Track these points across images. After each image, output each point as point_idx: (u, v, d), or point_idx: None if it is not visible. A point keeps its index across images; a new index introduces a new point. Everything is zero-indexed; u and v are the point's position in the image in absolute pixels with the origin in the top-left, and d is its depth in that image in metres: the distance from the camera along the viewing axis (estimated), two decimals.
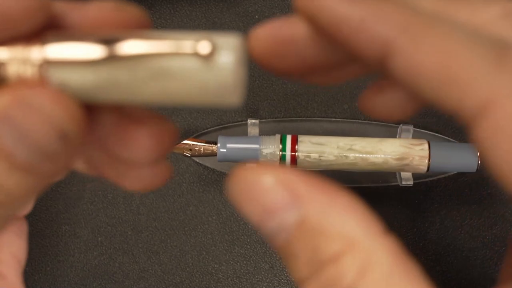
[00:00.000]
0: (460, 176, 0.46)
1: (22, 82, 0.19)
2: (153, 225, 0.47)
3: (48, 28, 0.19)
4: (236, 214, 0.46)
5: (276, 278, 0.45)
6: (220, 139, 0.41)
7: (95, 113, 0.21)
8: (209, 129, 0.47)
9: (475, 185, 0.46)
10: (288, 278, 0.45)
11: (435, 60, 0.16)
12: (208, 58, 0.17)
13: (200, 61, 0.17)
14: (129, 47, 0.18)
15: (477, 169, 0.42)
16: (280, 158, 0.41)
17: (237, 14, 0.51)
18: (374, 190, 0.46)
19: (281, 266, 0.45)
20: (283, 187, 0.17)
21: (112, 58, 0.18)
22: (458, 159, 0.42)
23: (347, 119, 0.47)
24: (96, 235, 0.47)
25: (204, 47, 0.17)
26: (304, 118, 0.47)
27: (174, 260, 0.46)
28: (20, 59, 0.19)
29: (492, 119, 0.16)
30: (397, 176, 0.44)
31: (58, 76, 0.18)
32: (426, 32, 0.17)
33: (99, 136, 0.21)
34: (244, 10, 0.52)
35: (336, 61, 0.20)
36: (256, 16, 0.52)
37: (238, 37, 0.17)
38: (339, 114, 0.48)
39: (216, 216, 0.47)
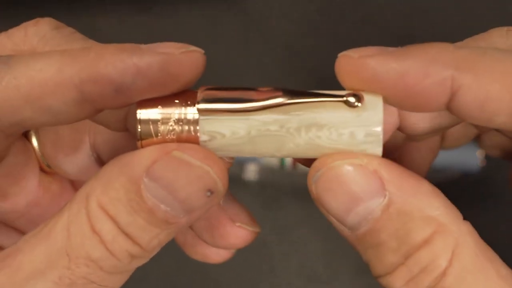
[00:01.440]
0: (462, 177, 0.46)
1: (171, 138, 0.19)
2: None
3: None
4: None
5: (277, 279, 0.45)
6: None
7: None
8: None
9: (478, 186, 0.46)
10: (288, 279, 0.45)
11: (500, 84, 0.16)
12: (358, 108, 0.18)
13: (350, 111, 0.18)
14: (282, 96, 0.19)
15: (479, 170, 0.42)
16: (281, 160, 0.41)
17: (237, 14, 0.51)
18: None
19: (281, 267, 0.45)
20: (369, 174, 0.18)
21: (264, 108, 0.18)
22: (460, 159, 0.41)
23: None
24: None
25: (355, 98, 0.18)
26: None
27: (174, 261, 0.46)
28: (175, 116, 0.19)
29: None
30: None
31: (210, 130, 0.19)
32: (484, 62, 0.17)
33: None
34: (244, 10, 0.51)
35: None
36: (256, 16, 0.51)
37: (381, 97, 0.18)
38: None
39: None
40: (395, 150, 0.24)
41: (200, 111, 0.19)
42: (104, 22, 0.52)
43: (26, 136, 0.25)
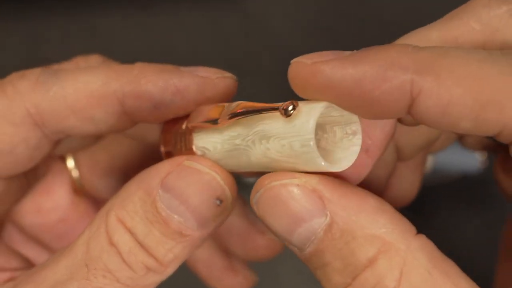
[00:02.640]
0: (462, 177, 0.46)
1: (183, 152, 0.20)
2: None
3: None
4: None
5: (278, 279, 0.45)
6: None
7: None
8: None
9: (478, 186, 0.46)
10: (289, 279, 0.45)
11: (464, 90, 0.15)
12: (292, 118, 0.17)
13: (287, 121, 0.17)
14: (237, 107, 0.19)
15: (479, 171, 0.42)
16: None
17: (237, 14, 0.51)
18: None
19: (283, 267, 0.45)
20: (310, 194, 0.17)
21: (231, 118, 0.19)
22: (460, 160, 0.41)
23: None
24: None
25: (288, 107, 0.17)
26: None
27: None
28: (184, 133, 0.21)
29: None
30: None
31: (201, 145, 0.20)
32: (446, 64, 0.16)
33: (223, 231, 0.23)
34: (244, 10, 0.51)
35: None
36: (256, 16, 0.51)
37: (322, 104, 0.17)
38: None
39: None
40: (389, 174, 0.24)
41: (189, 126, 0.20)
42: (104, 22, 0.52)
43: (63, 159, 0.27)
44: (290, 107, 0.17)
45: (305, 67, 0.17)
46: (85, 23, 0.52)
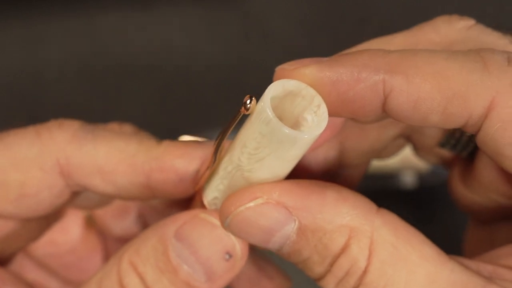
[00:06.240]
0: None
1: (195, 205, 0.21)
2: None
3: None
4: None
5: None
6: None
7: None
8: None
9: None
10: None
11: (431, 84, 0.17)
12: (252, 111, 0.17)
13: (250, 118, 0.18)
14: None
15: None
16: None
17: (237, 14, 0.51)
18: (377, 194, 0.46)
19: (282, 266, 0.45)
20: (274, 208, 0.18)
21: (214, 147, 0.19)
22: None
23: None
24: None
25: (246, 101, 0.17)
26: None
27: None
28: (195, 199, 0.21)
29: (496, 113, 0.17)
30: (401, 178, 0.44)
31: (211, 199, 0.20)
32: (414, 63, 0.17)
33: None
34: (244, 10, 0.51)
35: None
36: (256, 16, 0.51)
37: (272, 84, 0.18)
38: None
39: None
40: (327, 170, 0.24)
41: (196, 189, 0.21)
42: (103, 22, 0.52)
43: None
44: (248, 101, 0.17)
45: (287, 73, 0.18)
46: (84, 23, 0.52)
